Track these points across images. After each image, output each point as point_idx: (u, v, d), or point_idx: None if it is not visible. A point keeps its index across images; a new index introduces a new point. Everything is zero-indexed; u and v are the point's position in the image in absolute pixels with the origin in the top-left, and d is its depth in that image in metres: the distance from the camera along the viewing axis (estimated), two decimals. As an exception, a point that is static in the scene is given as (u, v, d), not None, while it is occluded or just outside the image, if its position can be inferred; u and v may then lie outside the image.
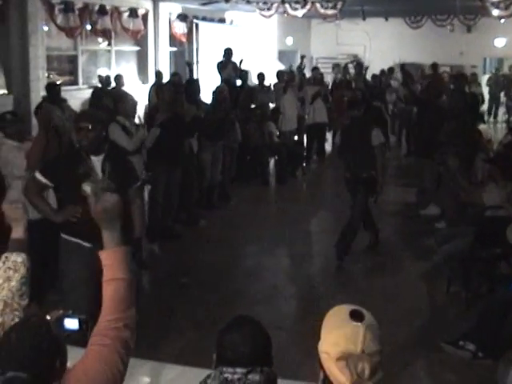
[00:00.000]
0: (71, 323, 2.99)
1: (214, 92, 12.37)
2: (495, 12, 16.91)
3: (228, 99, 12.17)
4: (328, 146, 17.50)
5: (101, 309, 2.72)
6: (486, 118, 20.33)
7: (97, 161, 5.56)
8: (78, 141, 5.68)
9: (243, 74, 15.27)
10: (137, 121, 9.52)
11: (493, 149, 11.00)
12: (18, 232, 3.23)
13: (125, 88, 15.25)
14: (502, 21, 19.56)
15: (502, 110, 21.48)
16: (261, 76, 16.22)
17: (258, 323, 2.98)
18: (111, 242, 2.77)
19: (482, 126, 13.03)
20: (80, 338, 2.96)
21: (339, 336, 2.51)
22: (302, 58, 16.31)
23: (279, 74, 16.38)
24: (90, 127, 5.51)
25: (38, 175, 5.71)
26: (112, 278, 2.74)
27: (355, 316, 2.52)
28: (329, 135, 17.62)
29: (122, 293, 2.72)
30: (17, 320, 2.96)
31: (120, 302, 2.71)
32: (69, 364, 2.56)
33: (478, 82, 21.27)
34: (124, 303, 2.72)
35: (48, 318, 2.97)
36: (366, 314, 2.56)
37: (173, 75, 14.79)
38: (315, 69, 19.01)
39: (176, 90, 10.62)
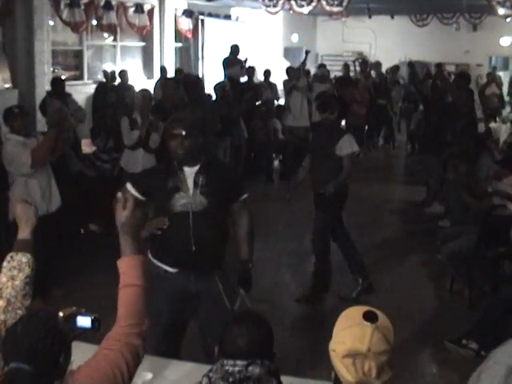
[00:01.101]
0: (84, 321, 3.00)
1: (215, 88, 12.38)
2: (501, 11, 16.87)
3: (230, 95, 12.17)
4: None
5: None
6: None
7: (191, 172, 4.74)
8: (172, 150, 4.75)
9: (249, 71, 15.26)
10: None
11: (498, 148, 10.99)
12: (24, 232, 3.23)
13: (130, 83, 15.29)
14: (508, 20, 19.53)
15: (507, 110, 21.47)
16: (267, 73, 16.22)
17: (259, 317, 3.00)
18: (128, 250, 2.86)
19: (492, 125, 13.05)
20: (92, 337, 2.97)
21: (347, 335, 2.54)
22: (307, 53, 16.22)
23: (289, 71, 16.35)
24: (185, 134, 4.69)
25: (130, 187, 4.76)
26: (127, 284, 2.80)
27: (368, 317, 2.54)
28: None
29: (136, 299, 2.77)
30: None
31: (134, 309, 2.75)
32: (79, 362, 2.58)
33: (497, 82, 21.08)
34: (138, 310, 2.76)
35: (60, 314, 2.98)
36: (380, 316, 2.58)
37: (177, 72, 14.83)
38: (321, 66, 18.99)
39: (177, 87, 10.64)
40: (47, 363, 2.41)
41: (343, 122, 17.04)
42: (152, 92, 14.86)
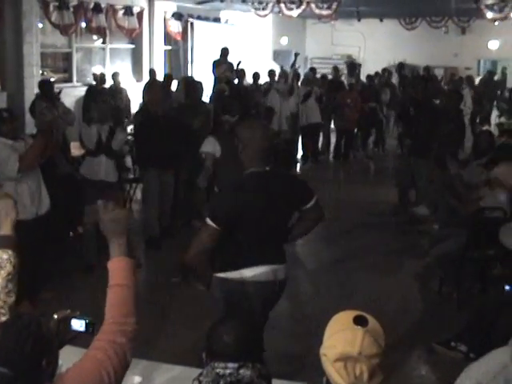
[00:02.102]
0: (78, 324, 3.00)
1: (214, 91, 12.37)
2: (489, 14, 16.98)
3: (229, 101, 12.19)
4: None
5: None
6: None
7: None
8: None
9: (239, 74, 15.26)
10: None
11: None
12: (5, 228, 3.21)
13: (121, 86, 15.29)
14: (496, 23, 19.62)
15: (495, 113, 21.52)
16: (255, 75, 16.24)
17: (246, 317, 3.01)
18: (117, 252, 2.86)
19: (485, 128, 13.10)
20: (86, 340, 2.97)
21: (338, 339, 2.54)
22: (296, 55, 16.25)
23: (271, 73, 16.40)
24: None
25: (210, 222, 4.67)
26: (115, 284, 2.80)
27: (359, 321, 2.54)
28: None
29: (122, 298, 2.77)
30: (2, 317, 2.96)
31: (120, 308, 2.75)
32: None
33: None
34: (123, 309, 2.75)
35: (55, 316, 2.97)
36: (370, 320, 2.59)
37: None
38: (312, 69, 19.03)
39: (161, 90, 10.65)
40: (28, 367, 2.39)
41: (332, 125, 17.14)
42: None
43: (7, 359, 2.37)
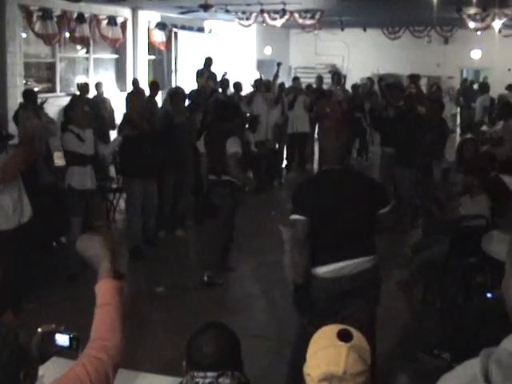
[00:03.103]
0: (62, 339, 2.98)
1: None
2: (472, 24, 17.08)
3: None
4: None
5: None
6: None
7: None
8: None
9: (223, 83, 15.28)
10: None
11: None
12: None
13: (104, 96, 15.28)
14: (479, 33, 19.74)
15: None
16: (237, 85, 16.23)
17: (224, 327, 3.01)
18: (103, 275, 2.86)
19: (468, 136, 13.13)
20: (70, 355, 2.96)
21: (321, 357, 2.47)
22: (278, 65, 16.26)
23: (256, 83, 16.42)
24: None
25: (295, 216, 5.15)
26: (100, 304, 2.79)
27: (343, 336, 2.48)
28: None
29: (108, 317, 2.76)
30: None
31: (104, 325, 2.74)
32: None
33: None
34: (108, 326, 2.74)
35: (39, 330, 2.95)
36: (355, 335, 2.52)
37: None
38: (296, 79, 19.06)
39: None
40: (4, 379, 2.35)
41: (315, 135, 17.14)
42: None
43: None
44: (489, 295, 6.22)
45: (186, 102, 11.51)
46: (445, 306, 7.51)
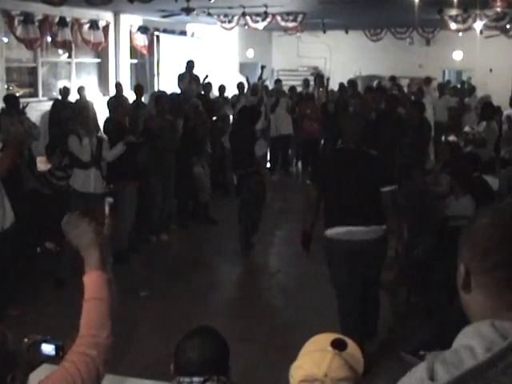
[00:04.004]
0: (48, 348, 2.98)
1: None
2: (453, 25, 17.15)
3: (204, 114, 12.20)
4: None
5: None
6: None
7: None
8: None
9: (206, 87, 15.26)
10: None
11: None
12: None
13: (87, 99, 15.23)
14: (460, 34, 19.85)
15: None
16: (221, 88, 16.24)
17: (213, 332, 3.00)
18: (92, 265, 2.84)
19: (452, 138, 13.20)
20: (56, 364, 2.96)
21: (306, 359, 2.47)
22: (263, 68, 16.28)
23: (239, 86, 16.43)
24: None
25: (309, 182, 6.59)
26: (90, 297, 2.78)
27: (337, 345, 2.47)
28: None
29: (96, 312, 2.75)
30: None
31: (93, 321, 2.73)
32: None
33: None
34: (97, 322, 2.73)
35: (25, 340, 2.94)
36: (350, 345, 2.51)
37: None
38: (278, 81, 19.07)
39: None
40: None
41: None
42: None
43: None
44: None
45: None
46: (429, 306, 7.54)
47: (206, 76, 15.20)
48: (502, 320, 1.62)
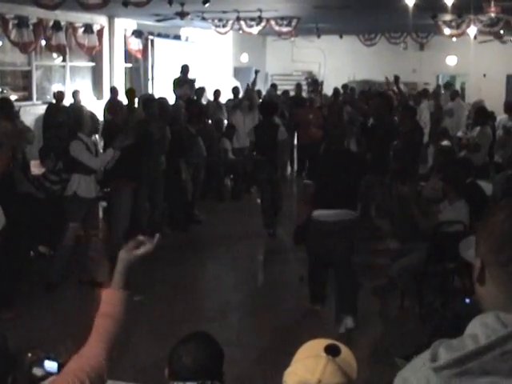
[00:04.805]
0: (51, 365, 2.97)
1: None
2: (447, 31, 17.19)
3: (186, 117, 12.16)
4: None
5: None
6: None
7: None
8: None
9: (198, 91, 15.27)
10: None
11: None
12: None
13: (81, 104, 15.20)
14: (454, 39, 19.87)
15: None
16: (216, 92, 16.26)
17: (208, 337, 3.00)
18: (118, 283, 2.86)
19: (445, 143, 13.19)
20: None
21: (300, 366, 2.46)
22: (256, 72, 16.29)
23: (235, 90, 16.43)
24: None
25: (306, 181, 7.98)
26: (107, 314, 2.78)
27: (330, 350, 2.45)
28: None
29: (111, 329, 2.75)
30: None
31: (107, 336, 2.74)
32: None
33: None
34: (110, 339, 2.74)
35: (29, 355, 2.95)
36: (343, 351, 2.49)
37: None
38: (273, 86, 19.08)
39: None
40: None
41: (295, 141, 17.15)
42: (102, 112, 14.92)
43: None
44: (467, 300, 6.24)
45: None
46: (423, 311, 7.54)
47: (194, 79, 15.18)
48: (507, 313, 1.71)
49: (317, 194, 7.48)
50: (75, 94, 15.49)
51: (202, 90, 15.39)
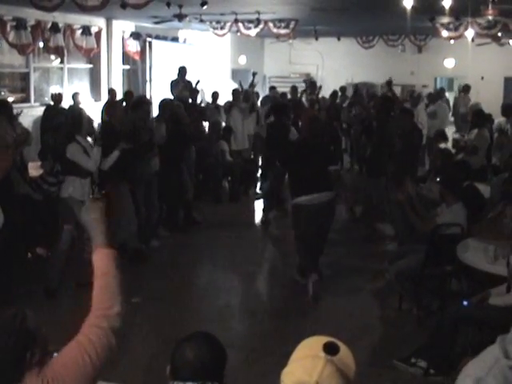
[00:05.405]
0: None
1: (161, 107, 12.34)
2: (445, 33, 17.20)
3: (186, 117, 12.14)
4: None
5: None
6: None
7: None
8: None
9: (193, 93, 15.23)
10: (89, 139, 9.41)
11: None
12: None
13: (81, 106, 15.20)
14: (452, 41, 19.90)
15: (451, 129, 21.73)
16: (214, 95, 16.25)
17: (213, 338, 3.00)
18: (98, 240, 3.02)
19: (442, 145, 13.18)
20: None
21: (298, 366, 2.42)
22: (254, 74, 16.29)
23: (235, 93, 16.39)
24: None
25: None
26: (99, 275, 2.94)
27: (329, 349, 2.41)
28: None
29: (107, 286, 2.91)
30: None
31: (104, 295, 2.89)
32: None
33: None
34: (108, 296, 2.88)
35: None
36: (342, 350, 2.46)
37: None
38: (272, 88, 19.08)
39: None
40: (12, 359, 2.57)
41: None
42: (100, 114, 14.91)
43: None
44: (464, 303, 6.25)
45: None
46: (421, 314, 7.54)
47: (198, 81, 15.18)
48: None
49: (296, 182, 8.64)
50: (75, 96, 15.48)
51: (196, 92, 15.32)
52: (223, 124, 15.57)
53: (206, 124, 15.19)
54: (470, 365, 2.86)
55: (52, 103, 15.18)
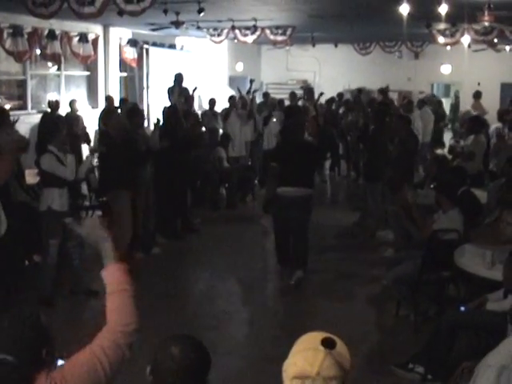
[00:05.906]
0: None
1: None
2: (441, 39, 17.22)
3: (184, 123, 12.16)
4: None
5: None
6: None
7: None
8: None
9: (190, 100, 15.23)
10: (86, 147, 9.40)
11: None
12: None
13: (78, 113, 15.22)
14: (448, 48, 19.92)
15: (449, 135, 21.73)
16: (212, 101, 16.26)
17: (197, 341, 2.98)
18: (108, 256, 3.02)
19: (439, 151, 13.21)
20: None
21: (299, 357, 2.54)
22: (251, 81, 16.31)
23: (231, 100, 16.41)
24: None
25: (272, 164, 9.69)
26: (113, 291, 2.95)
27: (327, 343, 2.53)
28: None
29: (122, 303, 2.94)
30: None
31: (122, 313, 2.93)
32: None
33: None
34: (126, 313, 2.94)
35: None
36: (338, 344, 2.58)
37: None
38: (266, 94, 19.10)
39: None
40: (29, 355, 2.61)
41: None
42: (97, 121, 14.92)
43: (10, 348, 2.58)
44: (462, 308, 6.25)
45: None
46: (418, 319, 7.54)
47: (195, 88, 15.19)
48: None
49: (280, 174, 9.29)
50: (72, 103, 15.47)
51: (191, 99, 15.31)
52: (220, 131, 15.59)
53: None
54: (488, 356, 2.91)
55: (49, 110, 15.17)
